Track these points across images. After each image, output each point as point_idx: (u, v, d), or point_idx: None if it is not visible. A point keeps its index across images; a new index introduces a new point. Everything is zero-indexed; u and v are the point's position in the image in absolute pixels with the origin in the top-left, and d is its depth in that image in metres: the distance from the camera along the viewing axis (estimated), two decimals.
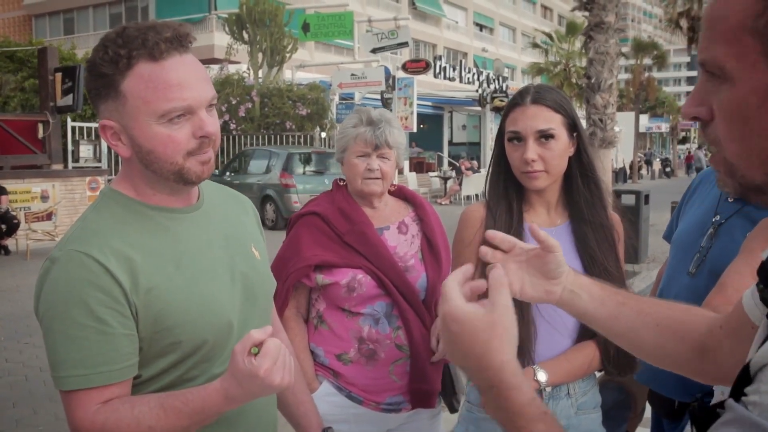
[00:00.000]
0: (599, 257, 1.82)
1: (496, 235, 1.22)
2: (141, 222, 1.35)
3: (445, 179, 23.33)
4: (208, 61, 22.55)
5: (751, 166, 0.70)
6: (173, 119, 1.27)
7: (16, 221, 11.03)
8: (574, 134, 1.83)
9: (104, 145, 14.83)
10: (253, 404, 1.44)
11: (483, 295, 0.97)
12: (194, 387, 1.28)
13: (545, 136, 1.78)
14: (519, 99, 1.84)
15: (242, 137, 18.50)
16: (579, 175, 1.86)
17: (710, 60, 0.69)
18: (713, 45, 0.68)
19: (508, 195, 1.87)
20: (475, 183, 20.11)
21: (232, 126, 18.44)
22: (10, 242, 11.11)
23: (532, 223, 1.26)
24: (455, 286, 0.93)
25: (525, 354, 1.76)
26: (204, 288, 1.36)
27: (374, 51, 20.05)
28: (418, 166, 27.05)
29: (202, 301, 1.34)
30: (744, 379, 0.65)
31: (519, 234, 1.82)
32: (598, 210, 1.86)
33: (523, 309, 1.75)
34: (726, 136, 0.71)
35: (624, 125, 29.88)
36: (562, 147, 1.80)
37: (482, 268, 1.83)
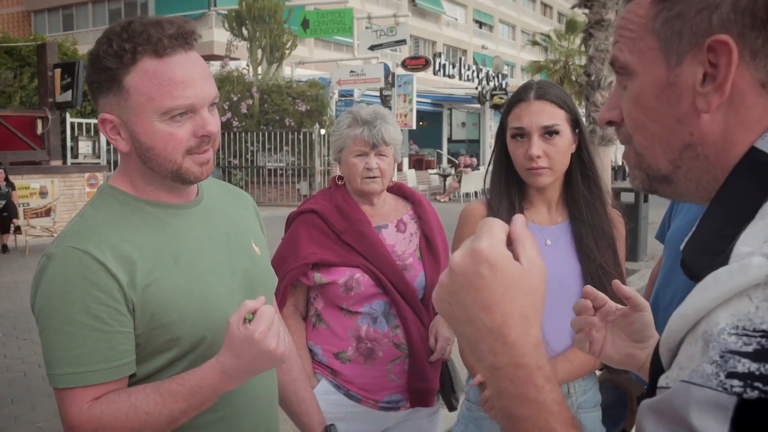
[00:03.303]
0: (596, 255, 1.81)
1: (591, 291, 1.12)
2: (139, 218, 1.33)
3: (445, 176, 23.31)
4: (207, 58, 22.51)
5: (656, 155, 0.76)
6: (175, 117, 1.26)
7: (5, 214, 10.97)
8: (576, 131, 1.82)
9: (103, 141, 14.80)
10: (254, 403, 1.43)
11: None
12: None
13: (550, 131, 1.76)
14: (522, 94, 1.81)
15: (242, 134, 18.49)
16: (579, 172, 1.85)
17: (618, 59, 0.77)
18: (622, 46, 0.77)
19: (510, 192, 1.86)
20: (474, 180, 20.11)
21: (235, 123, 18.43)
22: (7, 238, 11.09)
23: (615, 280, 1.13)
24: (501, 227, 0.71)
25: None
26: (203, 284, 1.34)
27: (372, 48, 20.05)
28: (418, 164, 27.04)
29: (201, 296, 1.33)
30: (657, 367, 0.66)
31: None
32: (598, 208, 1.85)
33: None
34: (631, 127, 0.78)
35: None
36: (566, 143, 1.78)
37: None
